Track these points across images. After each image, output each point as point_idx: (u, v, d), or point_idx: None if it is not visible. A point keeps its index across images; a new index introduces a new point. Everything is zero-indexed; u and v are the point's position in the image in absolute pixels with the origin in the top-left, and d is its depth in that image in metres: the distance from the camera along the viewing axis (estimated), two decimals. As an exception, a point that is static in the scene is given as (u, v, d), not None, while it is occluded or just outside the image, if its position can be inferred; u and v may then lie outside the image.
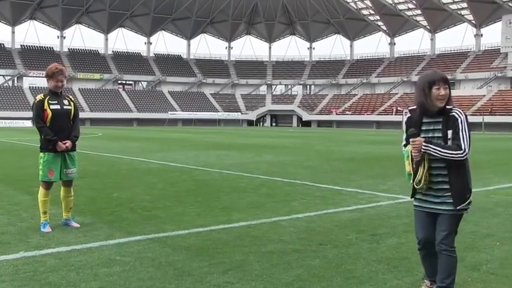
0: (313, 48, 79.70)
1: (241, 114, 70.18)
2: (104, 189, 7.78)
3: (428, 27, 68.64)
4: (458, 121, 2.95)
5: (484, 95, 55.66)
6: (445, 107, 2.98)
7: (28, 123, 50.50)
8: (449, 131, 2.95)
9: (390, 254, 4.17)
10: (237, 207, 6.27)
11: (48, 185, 5.04)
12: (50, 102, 4.96)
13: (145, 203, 6.57)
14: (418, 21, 69.32)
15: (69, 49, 71.63)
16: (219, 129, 47.95)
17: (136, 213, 5.85)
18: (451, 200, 3.00)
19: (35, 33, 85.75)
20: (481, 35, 65.19)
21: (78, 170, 5.29)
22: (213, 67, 77.37)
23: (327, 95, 71.74)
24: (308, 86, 77.12)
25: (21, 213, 5.81)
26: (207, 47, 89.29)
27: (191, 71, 75.96)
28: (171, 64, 75.66)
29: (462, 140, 2.91)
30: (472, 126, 2.98)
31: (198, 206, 6.34)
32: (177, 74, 73.97)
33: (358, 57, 76.17)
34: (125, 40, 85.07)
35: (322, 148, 19.14)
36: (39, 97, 5.02)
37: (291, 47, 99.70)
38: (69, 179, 5.12)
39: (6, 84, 64.85)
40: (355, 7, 71.51)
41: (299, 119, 69.01)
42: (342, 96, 70.45)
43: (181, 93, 72.03)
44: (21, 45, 68.85)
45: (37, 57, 66.33)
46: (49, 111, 4.93)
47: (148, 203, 6.58)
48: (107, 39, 74.12)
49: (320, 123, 65.31)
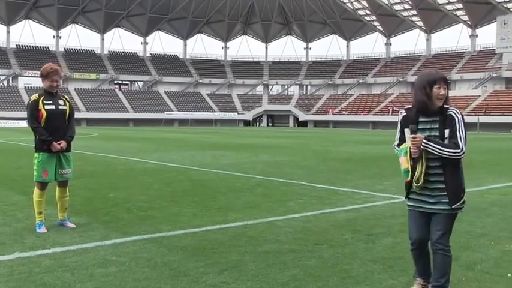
0: (310, 48, 79.87)
1: (238, 114, 70.15)
2: (100, 189, 7.76)
3: (424, 28, 68.86)
4: (456, 120, 2.97)
5: (479, 95, 55.91)
6: (443, 106, 3.01)
7: (23, 124, 50.27)
8: (447, 130, 2.97)
9: (385, 254, 4.19)
10: (233, 207, 6.27)
11: (43, 185, 5.02)
12: (44, 102, 4.93)
13: (141, 203, 6.56)
14: (414, 22, 69.54)
15: (65, 49, 71.40)
16: (216, 130, 47.91)
17: (132, 214, 5.84)
18: (447, 200, 3.02)
19: (31, 32, 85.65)
20: (476, 36, 65.46)
21: (73, 170, 5.28)
22: (209, 67, 77.32)
23: (323, 95, 71.84)
24: (304, 86, 77.20)
25: (16, 213, 5.78)
26: (204, 47, 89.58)
27: (187, 71, 75.88)
28: (168, 64, 75.54)
29: (459, 139, 2.94)
30: (467, 126, 2.99)
31: (194, 206, 6.33)
32: (173, 74, 73.86)
33: (355, 58, 76.32)
34: (121, 40, 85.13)
35: (318, 148, 19.17)
36: (34, 97, 4.99)
37: (287, 47, 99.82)
38: (64, 180, 5.10)
39: (1, 84, 64.54)
40: (352, 7, 71.66)
41: (295, 119, 69.07)
42: (338, 96, 70.57)
43: (177, 93, 71.94)
44: (16, 45, 68.56)
45: (32, 57, 66.09)
46: (44, 112, 4.90)
47: (144, 203, 6.57)
48: (103, 39, 73.95)
49: (316, 124, 65.39)
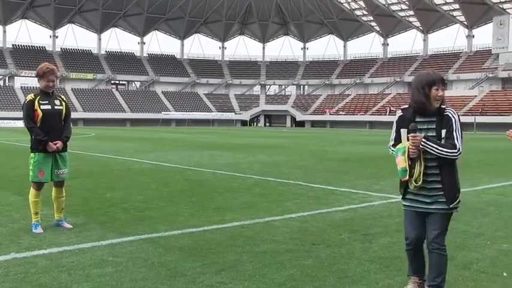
0: (307, 48, 79.90)
1: (235, 114, 70.14)
2: (97, 189, 7.74)
3: (420, 28, 69.02)
4: (452, 121, 3.00)
5: (475, 96, 56.09)
6: (440, 106, 3.03)
7: (20, 124, 50.07)
8: (443, 131, 2.99)
9: (382, 254, 4.19)
10: (230, 207, 6.27)
11: (39, 185, 5.00)
12: (40, 102, 4.91)
13: (138, 203, 6.55)
14: (410, 22, 69.68)
15: (61, 49, 71.21)
16: (213, 130, 47.89)
17: (129, 214, 5.83)
18: (444, 199, 3.04)
19: (27, 32, 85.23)
20: (473, 36, 65.65)
21: (69, 170, 5.26)
22: (206, 67, 77.26)
23: (321, 95, 71.91)
24: (302, 86, 77.25)
25: (12, 214, 5.76)
26: (201, 47, 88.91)
27: (185, 71, 75.80)
28: (165, 64, 75.44)
29: (456, 139, 2.96)
30: (464, 127, 3.01)
31: (191, 206, 6.33)
32: (170, 74, 73.77)
33: (352, 58, 76.42)
34: (118, 40, 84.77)
35: (315, 148, 19.18)
36: (30, 97, 4.97)
37: (284, 47, 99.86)
38: (60, 180, 5.09)
39: (-2, 84, 64.42)
40: (349, 8, 71.75)
41: (293, 119, 69.10)
42: (335, 96, 70.65)
43: (174, 94, 71.86)
44: (12, 45, 68.31)
45: (29, 56, 65.86)
46: (39, 112, 4.88)
47: (141, 203, 6.56)
48: (100, 39, 73.78)
49: (314, 124, 65.45)
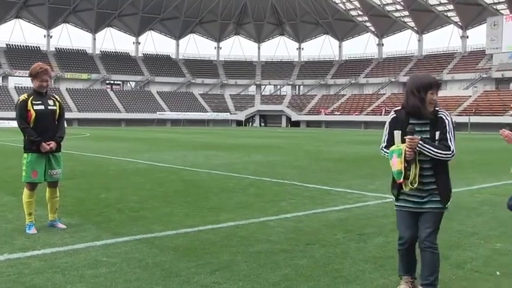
0: (302, 48, 79.96)
1: (230, 114, 70.08)
2: (92, 189, 7.72)
3: (415, 29, 69.28)
4: (446, 123, 3.03)
5: (470, 96, 56.39)
6: (434, 109, 3.07)
7: (14, 124, 49.48)
8: (437, 133, 3.02)
9: (377, 253, 4.21)
10: (225, 208, 6.27)
11: (32, 186, 4.97)
12: (33, 102, 4.88)
13: (133, 203, 6.53)
14: (405, 23, 69.92)
15: (56, 48, 70.84)
16: (208, 130, 47.84)
17: (124, 214, 5.81)
18: (437, 198, 3.08)
19: (21, 32, 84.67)
20: (467, 37, 65.98)
21: (63, 170, 5.24)
22: (202, 67, 77.15)
23: (316, 96, 72.00)
24: (297, 87, 77.31)
25: (6, 214, 5.73)
26: (196, 47, 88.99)
27: (180, 71, 75.66)
28: (160, 64, 75.26)
29: (450, 141, 3.00)
30: (458, 127, 3.05)
31: (186, 207, 6.32)
32: (165, 74, 73.60)
33: (347, 58, 76.58)
34: (113, 40, 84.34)
35: (311, 148, 19.21)
36: (23, 97, 4.94)
37: (280, 48, 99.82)
38: (54, 180, 5.06)
39: (-8, 84, 63.96)
40: (344, 8, 71.90)
41: (288, 119, 69.15)
42: (330, 96, 70.76)
43: (170, 94, 71.70)
44: (6, 44, 67.85)
45: (23, 56, 65.43)
46: (33, 112, 4.85)
47: (136, 203, 6.54)
48: (94, 39, 73.47)
49: (309, 124, 65.52)
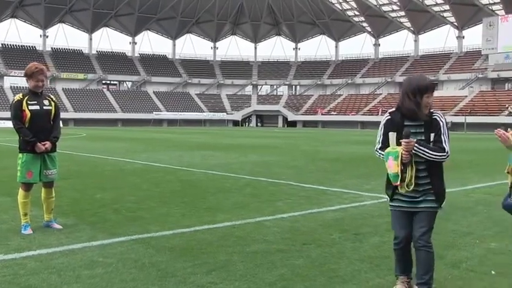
0: (299, 48, 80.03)
1: (227, 114, 70.04)
2: (88, 190, 7.70)
3: (411, 29, 69.49)
4: (440, 124, 3.06)
5: (466, 96, 56.60)
6: (428, 110, 3.10)
7: (9, 124, 49.32)
8: (432, 134, 3.05)
9: (373, 253, 4.22)
10: (221, 208, 6.27)
11: (27, 186, 4.95)
12: (28, 102, 4.85)
13: (129, 203, 6.52)
14: (402, 23, 70.11)
15: (52, 48, 70.59)
16: (204, 130, 47.80)
17: (120, 214, 5.80)
18: (432, 198, 3.11)
19: (17, 31, 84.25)
20: (463, 37, 66.22)
21: (59, 171, 5.23)
22: (198, 67, 77.07)
23: (312, 96, 72.07)
24: (293, 87, 77.37)
25: (1, 215, 5.70)
26: (193, 47, 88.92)
27: (176, 71, 75.56)
28: (156, 64, 75.13)
29: (444, 143, 3.03)
30: (454, 127, 3.07)
31: (182, 207, 6.32)
32: (162, 74, 73.48)
33: (343, 58, 76.71)
34: (109, 40, 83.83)
35: (307, 148, 19.23)
36: (18, 97, 4.92)
37: (276, 48, 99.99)
38: (49, 180, 5.04)
39: (-13, 84, 63.65)
40: (340, 8, 72.01)
41: (284, 119, 69.18)
42: (327, 96, 70.85)
43: (166, 94, 71.60)
44: (2, 44, 67.59)
45: (19, 56, 65.15)
46: (28, 112, 4.83)
47: (132, 203, 6.53)
48: (91, 39, 73.30)
49: (305, 124, 65.57)
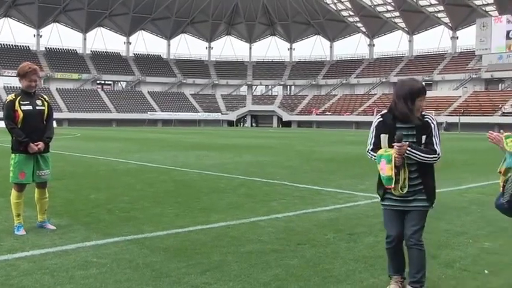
0: (294, 49, 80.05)
1: (222, 114, 69.96)
2: (81, 190, 7.66)
3: (406, 29, 69.73)
4: (432, 127, 3.09)
5: (460, 96, 56.90)
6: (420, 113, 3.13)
7: (1, 124, 49.19)
8: (424, 136, 3.08)
9: (367, 253, 4.23)
10: (216, 208, 6.26)
11: (20, 187, 4.93)
12: (21, 102, 4.83)
13: (123, 204, 6.50)
14: (396, 23, 70.34)
15: (46, 48, 70.19)
16: (199, 130, 47.73)
17: (114, 215, 5.78)
18: (423, 197, 3.14)
19: (10, 31, 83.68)
20: (457, 38, 66.55)
21: (52, 171, 5.20)
22: (193, 67, 76.94)
23: (307, 96, 72.16)
24: (288, 87, 77.41)
25: (-6, 215, 5.67)
26: (187, 47, 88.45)
27: (171, 71, 75.39)
28: (151, 64, 74.91)
29: (436, 145, 3.06)
30: (449, 127, 3.09)
31: (176, 207, 6.30)
32: (156, 74, 73.28)
33: (338, 58, 76.82)
34: (103, 40, 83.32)
35: (302, 148, 19.25)
36: (10, 97, 4.89)
37: (271, 48, 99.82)
38: (42, 181, 5.02)
39: (-20, 83, 63.16)
40: (335, 8, 72.15)
41: (279, 119, 69.20)
42: (321, 96, 70.95)
43: (161, 94, 71.41)
44: (-5, 44, 67.23)
45: (12, 56, 64.70)
46: (20, 112, 4.80)
47: (126, 204, 6.51)
48: (85, 39, 72.95)
49: (300, 124, 65.63)
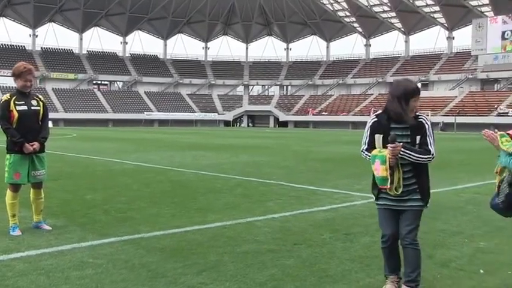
0: (290, 49, 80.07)
1: (218, 114, 69.90)
2: (78, 190, 7.64)
3: (402, 30, 69.89)
4: (426, 127, 3.10)
5: (456, 96, 57.10)
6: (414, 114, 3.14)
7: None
8: (418, 137, 3.09)
9: (363, 253, 4.24)
10: (212, 208, 6.26)
11: (15, 187, 4.91)
12: (16, 102, 4.81)
13: (119, 204, 6.49)
14: (392, 24, 70.49)
15: (42, 48, 69.94)
16: (196, 130, 47.68)
17: (110, 215, 5.77)
18: (418, 197, 3.16)
19: (5, 31, 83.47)
20: (453, 38, 66.77)
21: (47, 171, 5.18)
22: (189, 67, 76.85)
23: (304, 96, 72.20)
24: (285, 87, 77.45)
25: (-11, 216, 5.64)
26: (184, 47, 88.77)
27: (167, 71, 75.27)
28: (147, 64, 74.77)
29: (430, 145, 3.08)
30: (445, 127, 3.10)
31: (173, 207, 6.30)
32: (153, 74, 73.15)
33: (334, 58, 76.92)
34: (100, 39, 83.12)
35: (298, 148, 19.26)
36: (5, 97, 4.87)
37: (267, 48, 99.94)
38: (37, 181, 5.00)
39: (-24, 83, 62.86)
40: (332, 8, 72.23)
41: (276, 119, 69.22)
42: (318, 96, 71.01)
43: (157, 94, 71.28)
44: (-10, 44, 66.94)
45: (8, 56, 64.36)
46: (15, 112, 4.78)
47: (123, 204, 6.50)
48: (81, 39, 72.69)
49: (297, 124, 65.66)
